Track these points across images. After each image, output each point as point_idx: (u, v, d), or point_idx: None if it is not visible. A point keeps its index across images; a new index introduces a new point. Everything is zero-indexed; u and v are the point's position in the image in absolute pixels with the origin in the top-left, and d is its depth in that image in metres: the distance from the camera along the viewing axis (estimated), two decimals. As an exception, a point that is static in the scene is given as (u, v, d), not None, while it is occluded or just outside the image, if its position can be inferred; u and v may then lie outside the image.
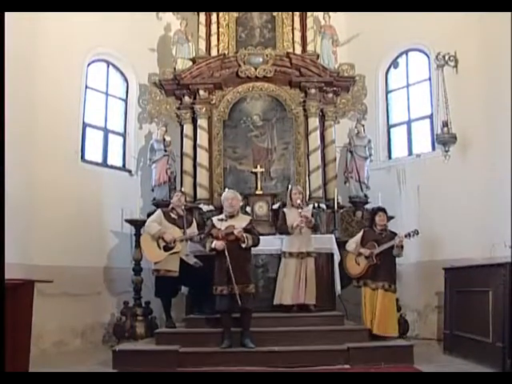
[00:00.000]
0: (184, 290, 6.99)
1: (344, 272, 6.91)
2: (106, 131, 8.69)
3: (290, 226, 6.84)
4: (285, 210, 7.10)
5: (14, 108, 6.35)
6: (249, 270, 6.15)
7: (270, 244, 6.71)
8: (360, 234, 6.80)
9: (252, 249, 6.22)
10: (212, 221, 6.29)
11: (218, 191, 8.25)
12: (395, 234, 6.58)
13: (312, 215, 7.01)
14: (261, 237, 6.27)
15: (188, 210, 7.71)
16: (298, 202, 6.88)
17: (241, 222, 6.13)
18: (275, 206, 7.99)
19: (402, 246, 6.49)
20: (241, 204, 6.57)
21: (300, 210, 6.83)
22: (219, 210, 7.84)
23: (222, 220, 6.17)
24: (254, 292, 6.10)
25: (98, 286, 7.92)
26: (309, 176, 8.32)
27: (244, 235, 5.97)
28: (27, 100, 7.11)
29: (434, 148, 8.23)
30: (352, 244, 6.77)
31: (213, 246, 6.00)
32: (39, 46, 7.42)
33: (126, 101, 8.99)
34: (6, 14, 5.63)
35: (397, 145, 8.84)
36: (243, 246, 5.97)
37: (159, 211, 6.84)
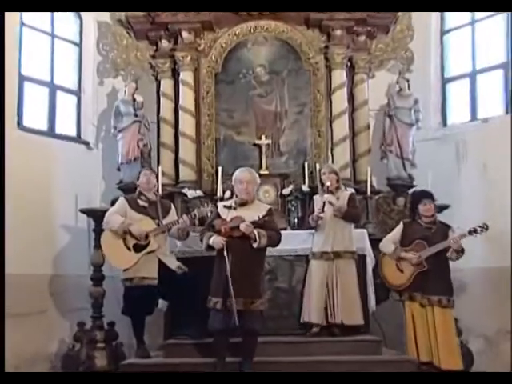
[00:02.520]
0: (162, 304, 6.88)
1: (379, 280, 6.89)
2: (53, 87, 8.53)
3: (310, 217, 6.84)
4: (316, 197, 7.11)
5: None
6: (259, 280, 6.00)
7: (278, 242, 6.59)
8: (399, 229, 6.73)
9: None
10: (217, 208, 6.21)
11: (208, 170, 8.34)
12: (449, 227, 6.51)
13: (350, 201, 6.91)
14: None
15: (167, 196, 7.71)
16: (328, 184, 6.83)
17: (256, 213, 5.95)
18: (286, 191, 8.01)
19: (462, 250, 6.37)
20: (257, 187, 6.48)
21: (326, 196, 6.78)
22: (210, 196, 7.88)
23: (230, 208, 6.02)
24: (262, 309, 5.97)
25: (43, 302, 7.79)
26: (332, 150, 8.34)
27: (255, 232, 5.80)
28: None
29: (507, 110, 8.14)
30: (388, 244, 6.69)
31: (210, 242, 5.87)
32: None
33: (79, 45, 8.87)
34: None
35: (455, 106, 8.76)
36: (254, 245, 5.81)
37: (122, 199, 6.82)
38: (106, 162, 8.61)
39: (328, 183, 6.86)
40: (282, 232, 6.78)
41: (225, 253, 5.73)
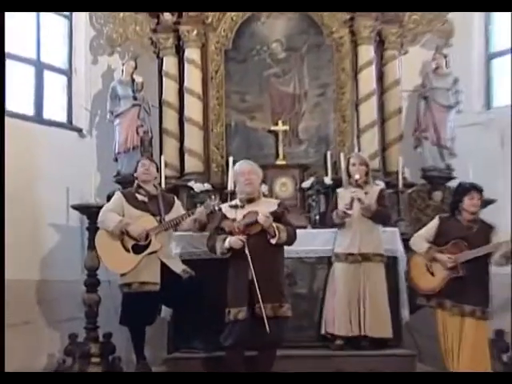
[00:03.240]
0: (165, 313, 6.92)
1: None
2: (40, 66, 8.49)
3: (334, 213, 6.82)
4: (339, 190, 7.11)
5: None
6: (282, 281, 6.12)
7: (298, 243, 6.56)
8: (434, 225, 6.61)
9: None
10: (221, 210, 6.26)
11: (217, 161, 8.36)
12: (491, 228, 6.40)
13: (380, 199, 6.90)
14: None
15: (171, 189, 7.86)
16: (357, 176, 6.78)
17: (265, 207, 6.02)
18: (306, 184, 8.03)
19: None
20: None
21: (355, 190, 6.75)
22: (219, 189, 7.88)
23: (236, 207, 6.11)
24: (289, 316, 6.03)
25: (28, 311, 7.78)
26: (358, 137, 8.35)
27: (274, 225, 5.87)
28: None
29: None
30: (421, 241, 6.57)
31: (226, 244, 5.89)
32: None
33: (69, 18, 8.84)
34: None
35: (501, 86, 8.67)
36: (273, 241, 5.86)
37: (118, 194, 6.83)
38: (101, 152, 8.62)
39: (357, 176, 6.86)
40: (302, 231, 6.85)
41: (246, 250, 5.78)
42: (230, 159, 7.90)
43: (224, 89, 8.39)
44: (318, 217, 7.83)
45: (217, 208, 6.34)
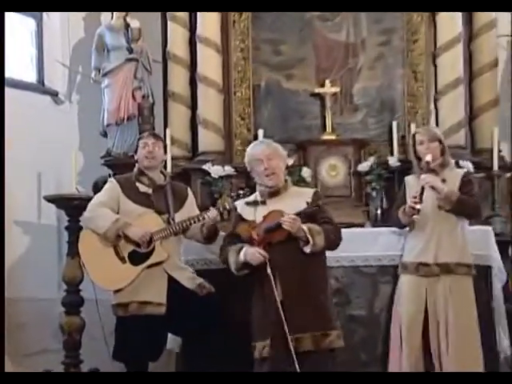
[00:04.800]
0: (173, 343, 6.95)
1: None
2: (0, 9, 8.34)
3: (401, 210, 6.68)
4: (408, 178, 7.02)
5: None
6: (326, 300, 6.01)
7: (353, 246, 6.63)
8: None
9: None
10: (236, 209, 6.25)
11: (242, 135, 8.57)
12: None
13: (464, 185, 6.74)
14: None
15: (180, 175, 7.87)
16: (428, 158, 6.62)
17: (295, 203, 5.96)
18: (364, 166, 8.27)
19: None
20: (290, 163, 6.46)
21: (425, 176, 6.56)
22: (245, 173, 7.82)
23: (255, 204, 6.09)
24: (340, 346, 5.96)
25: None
26: (436, 101, 8.55)
27: (305, 227, 5.78)
28: None
29: None
30: None
31: (241, 258, 5.87)
32: None
33: None
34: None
35: None
36: (307, 249, 5.80)
37: (112, 182, 6.80)
38: (84, 123, 8.82)
39: (428, 157, 6.61)
40: (358, 230, 6.87)
41: (268, 269, 5.74)
42: (260, 133, 8.16)
43: (251, 37, 8.57)
44: (379, 211, 7.98)
45: (231, 207, 6.31)
